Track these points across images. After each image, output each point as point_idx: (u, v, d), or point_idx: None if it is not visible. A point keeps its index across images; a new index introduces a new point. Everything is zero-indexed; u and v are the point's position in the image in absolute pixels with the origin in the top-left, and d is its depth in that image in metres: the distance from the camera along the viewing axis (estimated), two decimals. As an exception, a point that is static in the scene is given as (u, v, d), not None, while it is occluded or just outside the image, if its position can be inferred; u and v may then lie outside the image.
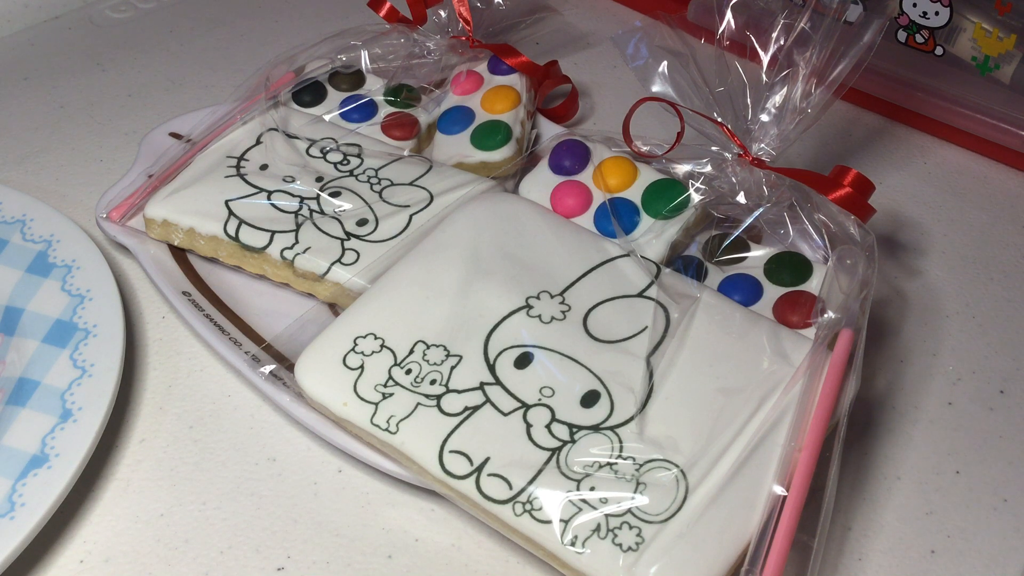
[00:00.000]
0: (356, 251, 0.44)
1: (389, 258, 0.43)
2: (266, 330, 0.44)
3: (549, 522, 0.34)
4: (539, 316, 0.40)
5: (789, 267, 0.43)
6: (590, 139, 0.48)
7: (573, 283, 0.41)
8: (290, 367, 0.40)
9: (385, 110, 0.52)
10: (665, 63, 0.45)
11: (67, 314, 0.42)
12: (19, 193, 0.48)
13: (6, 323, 0.43)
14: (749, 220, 0.43)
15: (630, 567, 0.33)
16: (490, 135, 0.50)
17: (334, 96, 0.53)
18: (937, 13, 0.54)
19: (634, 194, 0.46)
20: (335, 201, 0.46)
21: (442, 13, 0.56)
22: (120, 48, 0.65)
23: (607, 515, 0.34)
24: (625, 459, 0.36)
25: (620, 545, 0.33)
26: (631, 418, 0.37)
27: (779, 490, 0.34)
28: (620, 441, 0.36)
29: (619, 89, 0.61)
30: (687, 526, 0.34)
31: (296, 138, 0.50)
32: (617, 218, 0.44)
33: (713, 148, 0.45)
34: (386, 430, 0.37)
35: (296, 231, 0.45)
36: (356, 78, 0.54)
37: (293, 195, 0.46)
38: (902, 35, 0.56)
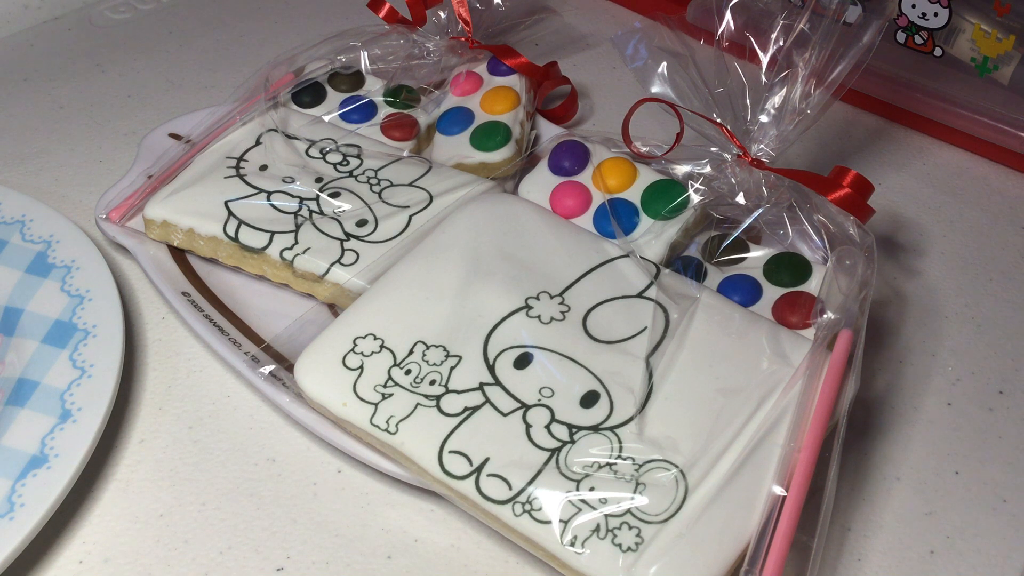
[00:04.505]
0: (356, 252, 0.44)
1: (388, 259, 0.43)
2: (266, 330, 0.44)
3: (549, 522, 0.34)
4: (539, 316, 0.40)
5: (788, 268, 0.43)
6: (589, 140, 0.48)
7: (572, 284, 0.41)
8: (290, 367, 0.40)
9: (385, 111, 0.52)
10: (664, 64, 0.45)
11: (67, 314, 0.42)
12: (19, 193, 0.48)
13: (5, 323, 0.43)
14: (748, 221, 0.44)
15: (629, 567, 0.33)
16: (489, 136, 0.50)
17: (334, 97, 0.53)
18: (936, 14, 0.54)
19: (633, 195, 0.46)
20: (334, 202, 0.46)
21: (441, 14, 0.56)
22: (120, 49, 0.65)
23: (607, 515, 0.34)
24: (624, 459, 0.36)
25: (620, 545, 0.33)
26: (631, 418, 0.37)
27: (778, 490, 0.34)
28: (620, 441, 0.36)
29: (618, 90, 0.61)
30: (687, 526, 0.34)
31: (296, 139, 0.50)
32: (616, 219, 0.44)
33: (712, 149, 0.45)
34: (385, 430, 0.37)
35: (296, 232, 0.45)
36: (356, 79, 0.54)
37: (292, 196, 0.46)
38: (901, 36, 0.56)
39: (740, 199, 0.44)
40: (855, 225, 0.42)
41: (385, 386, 0.38)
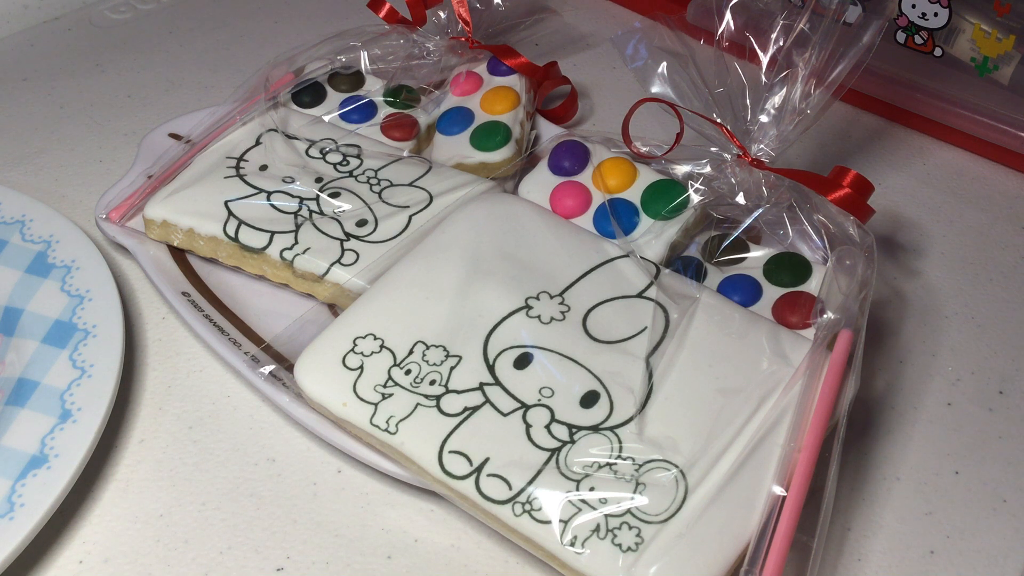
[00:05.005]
0: (355, 252, 0.44)
1: (388, 259, 0.43)
2: (266, 330, 0.44)
3: (549, 522, 0.34)
4: (539, 316, 0.40)
5: (788, 268, 0.43)
6: (589, 140, 0.48)
7: (572, 284, 0.41)
8: (290, 367, 0.40)
9: (385, 111, 0.52)
10: (664, 64, 0.45)
11: (66, 314, 0.42)
12: (18, 194, 0.48)
13: (5, 323, 0.43)
14: (748, 221, 0.44)
15: (629, 567, 0.33)
16: (489, 136, 0.50)
17: (334, 97, 0.53)
18: (936, 14, 0.54)
19: (633, 195, 0.46)
20: (334, 202, 0.46)
21: (441, 14, 0.56)
22: (120, 49, 0.65)
23: (606, 515, 0.34)
24: (624, 459, 0.36)
25: (620, 545, 0.33)
26: (631, 418, 0.37)
27: (778, 490, 0.34)
28: (620, 441, 0.36)
29: (618, 90, 0.61)
30: (686, 526, 0.34)
31: (295, 139, 0.50)
32: (616, 219, 0.44)
33: (712, 149, 0.45)
34: (385, 430, 0.37)
35: (296, 232, 0.45)
36: (356, 79, 0.54)
37: (292, 196, 0.46)
38: (901, 36, 0.56)
39: (740, 199, 0.44)
40: (855, 225, 0.42)
41: (385, 386, 0.38)
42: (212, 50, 0.65)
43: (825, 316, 0.39)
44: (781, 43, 0.43)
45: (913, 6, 0.54)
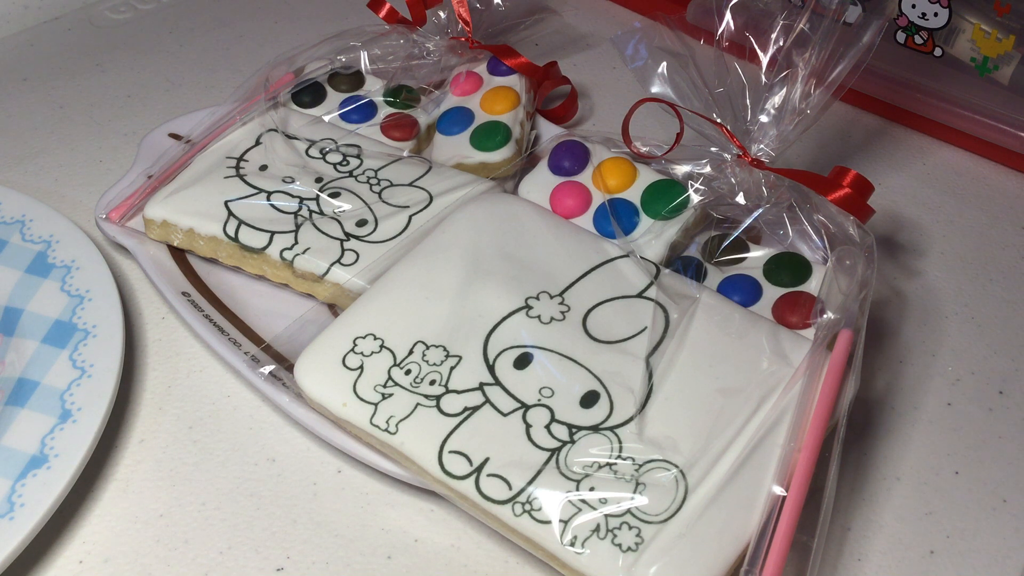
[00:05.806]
0: (355, 252, 0.44)
1: (388, 259, 0.43)
2: (266, 330, 0.44)
3: (549, 522, 0.34)
4: (539, 316, 0.40)
5: (788, 268, 0.43)
6: (589, 140, 0.48)
7: (572, 284, 0.41)
8: (290, 367, 0.40)
9: (384, 111, 0.52)
10: (664, 64, 0.45)
11: (66, 314, 0.42)
12: (18, 194, 0.48)
13: (5, 323, 0.43)
14: (748, 221, 0.44)
15: (629, 567, 0.33)
16: (489, 136, 0.50)
17: (333, 97, 0.53)
18: (936, 14, 0.54)
19: (633, 195, 0.46)
20: (334, 202, 0.46)
21: (441, 14, 0.56)
22: (120, 49, 0.65)
23: (606, 515, 0.34)
24: (624, 459, 0.36)
25: (620, 545, 0.33)
26: (631, 418, 0.37)
27: (778, 490, 0.34)
28: (620, 441, 0.36)
29: (618, 90, 0.61)
30: (687, 526, 0.34)
31: (295, 139, 0.50)
32: (616, 219, 0.44)
33: (712, 149, 0.45)
34: (385, 430, 0.37)
35: (296, 232, 0.45)
36: (355, 79, 0.54)
37: (292, 196, 0.46)
38: (901, 36, 0.56)
39: (740, 199, 0.44)
40: (855, 225, 0.42)
41: (385, 386, 0.38)
42: (212, 50, 0.65)
43: (825, 316, 0.39)
44: (781, 43, 0.43)
45: (913, 6, 0.54)
